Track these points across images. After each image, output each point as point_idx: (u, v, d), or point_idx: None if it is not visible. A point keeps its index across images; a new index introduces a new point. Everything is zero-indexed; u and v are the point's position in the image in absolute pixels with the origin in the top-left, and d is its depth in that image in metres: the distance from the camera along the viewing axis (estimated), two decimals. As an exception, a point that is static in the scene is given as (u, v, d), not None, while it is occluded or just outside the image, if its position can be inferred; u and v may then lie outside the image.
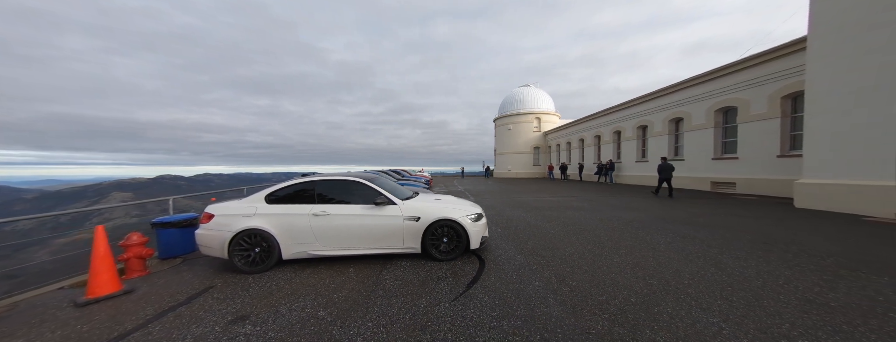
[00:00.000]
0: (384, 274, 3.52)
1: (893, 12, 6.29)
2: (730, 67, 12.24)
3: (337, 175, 4.13)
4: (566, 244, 4.67)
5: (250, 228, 3.56)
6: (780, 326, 2.26)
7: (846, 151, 7.15)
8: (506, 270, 3.57)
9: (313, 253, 3.71)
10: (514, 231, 5.70)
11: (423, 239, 3.88)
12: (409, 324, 2.44)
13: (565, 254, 4.17)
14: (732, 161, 12.35)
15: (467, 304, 2.74)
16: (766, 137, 10.97)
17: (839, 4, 7.20)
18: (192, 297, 3.01)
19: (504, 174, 34.21)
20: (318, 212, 3.72)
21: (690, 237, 4.92)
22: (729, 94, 12.47)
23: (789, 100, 10.43)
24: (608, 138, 21.57)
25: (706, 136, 13.59)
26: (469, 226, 3.96)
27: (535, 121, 32.85)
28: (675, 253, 4.09)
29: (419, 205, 4.03)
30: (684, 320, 2.38)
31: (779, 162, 10.54)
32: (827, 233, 5.06)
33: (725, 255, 3.93)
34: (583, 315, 2.51)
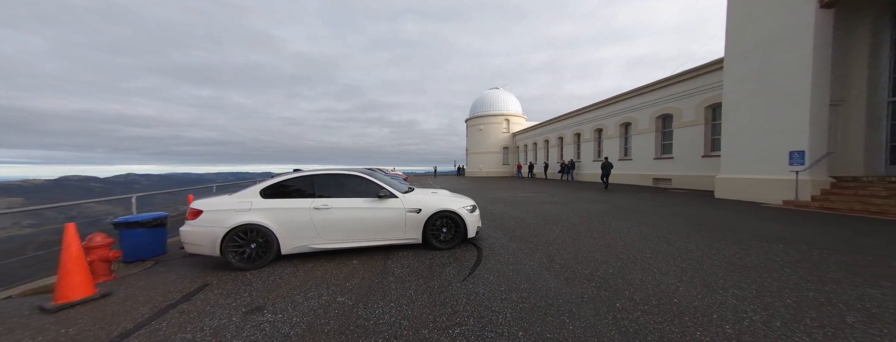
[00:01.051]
0: (389, 263, 3.65)
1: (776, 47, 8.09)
2: (666, 81, 14.33)
3: (334, 169, 4.11)
4: (548, 231, 5.22)
5: (246, 223, 3.41)
6: (716, 282, 2.95)
7: (748, 152, 8.96)
8: (502, 254, 3.94)
9: (315, 246, 3.68)
10: (500, 222, 6.14)
11: (424, 229, 4.08)
12: (428, 302, 2.65)
13: (549, 239, 4.69)
14: (669, 160, 14.48)
15: (476, 283, 3.04)
16: (694, 141, 13.11)
17: (742, 37, 9.01)
18: (189, 295, 2.84)
19: (476, 173, 35.28)
20: (319, 205, 3.70)
21: (644, 222, 5.83)
22: (666, 104, 14.58)
23: (710, 109, 12.60)
24: (570, 140, 23.59)
25: (649, 139, 15.71)
26: (466, 216, 4.25)
27: (504, 122, 34.44)
28: (635, 235, 4.86)
29: (420, 198, 4.22)
30: (651, 283, 2.96)
31: (703, 161, 12.67)
32: (739, 216, 6.37)
33: (672, 235, 4.79)
34: (575, 284, 2.96)
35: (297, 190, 3.80)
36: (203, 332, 2.20)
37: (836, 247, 3.98)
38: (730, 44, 9.56)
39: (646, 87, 15.55)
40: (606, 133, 19.17)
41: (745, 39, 9.04)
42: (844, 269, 3.18)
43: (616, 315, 2.36)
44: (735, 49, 9.41)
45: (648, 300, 2.59)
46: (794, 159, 7.90)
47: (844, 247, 4.00)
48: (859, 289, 2.71)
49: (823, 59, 7.63)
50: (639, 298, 2.63)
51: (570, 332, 2.13)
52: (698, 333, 2.08)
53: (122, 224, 3.84)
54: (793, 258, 3.59)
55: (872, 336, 2.00)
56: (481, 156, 35.10)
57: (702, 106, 12.72)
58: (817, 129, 7.69)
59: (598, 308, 2.48)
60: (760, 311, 2.36)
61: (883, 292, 2.63)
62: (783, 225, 5.44)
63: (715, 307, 2.44)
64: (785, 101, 8.08)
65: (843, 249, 3.89)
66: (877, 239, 4.39)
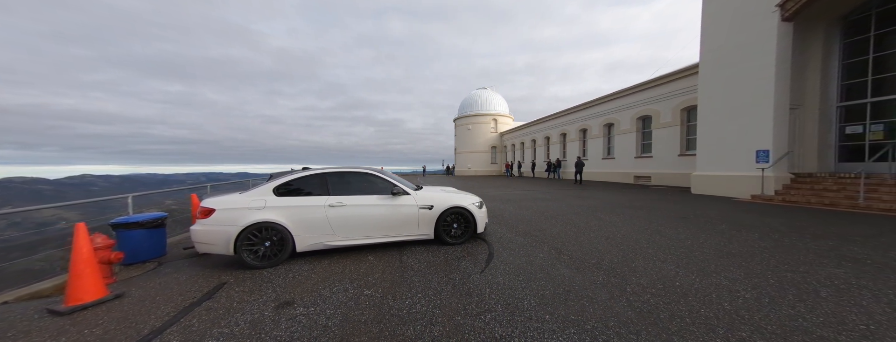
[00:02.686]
0: (405, 258, 3.73)
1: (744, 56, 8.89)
2: (647, 84, 15.20)
3: (346, 167, 4.13)
4: (549, 226, 5.48)
5: (261, 222, 3.37)
6: (709, 267, 3.28)
7: (720, 151, 9.76)
8: (512, 248, 4.13)
9: (330, 244, 3.69)
10: (502, 219, 6.35)
11: (436, 225, 4.18)
12: (454, 292, 2.77)
13: (552, 233, 4.94)
14: (649, 159, 15.39)
15: (495, 274, 3.19)
16: (671, 140, 14.02)
17: (715, 45, 9.79)
18: (210, 293, 2.79)
19: (464, 172, 35.61)
20: (334, 203, 3.71)
21: (635, 216, 6.25)
22: (646, 106, 15.48)
23: (686, 111, 13.53)
24: (556, 139, 24.39)
25: (630, 139, 16.60)
26: (476, 212, 4.40)
27: (492, 122, 34.98)
28: (629, 227, 5.22)
29: (431, 195, 4.31)
30: (653, 269, 3.24)
31: (680, 159, 13.59)
32: (715, 209, 6.96)
33: (663, 227, 5.19)
34: (586, 273, 3.19)
35: (310, 188, 3.79)
36: (239, 326, 2.20)
37: (801, 235, 4.49)
38: (704, 51, 10.34)
39: (627, 89, 16.41)
40: (591, 133, 20.03)
41: (718, 48, 9.82)
42: (812, 253, 3.63)
43: (628, 298, 2.60)
44: (708, 56, 10.20)
45: (654, 284, 2.86)
46: (760, 157, 8.71)
47: (808, 234, 4.53)
48: (826, 269, 3.13)
49: (785, 67, 8.46)
50: (645, 283, 2.89)
51: (591, 314, 2.33)
52: (703, 310, 2.35)
53: (121, 225, 3.66)
54: (768, 245, 4.03)
55: (843, 306, 2.35)
56: (470, 155, 35.48)
57: (678, 108, 13.64)
58: (780, 130, 8.52)
59: (611, 292, 2.71)
60: (750, 290, 2.68)
61: (846, 271, 3.05)
62: (754, 216, 6.03)
63: (712, 288, 2.74)
64: (752, 104, 8.88)
65: (807, 236, 4.41)
66: (834, 227, 5.00)
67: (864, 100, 8.54)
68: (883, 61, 8.25)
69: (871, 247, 3.84)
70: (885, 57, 8.21)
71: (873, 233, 4.51)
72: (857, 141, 8.71)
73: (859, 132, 8.66)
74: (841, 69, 9.00)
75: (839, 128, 9.05)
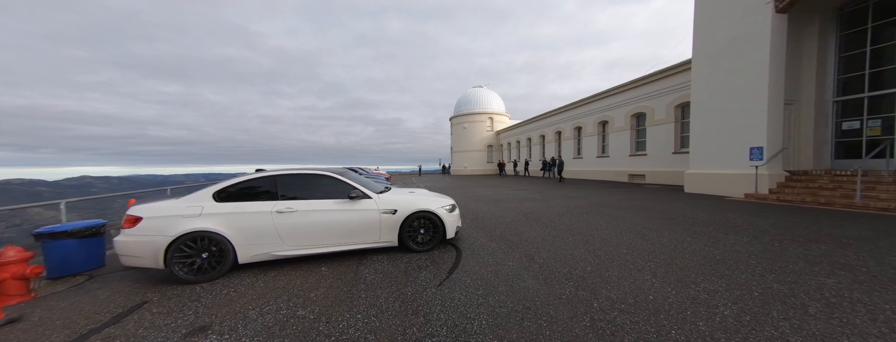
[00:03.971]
0: (362, 269, 3.42)
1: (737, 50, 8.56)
2: (640, 81, 14.88)
3: (301, 169, 3.80)
4: (528, 229, 5.17)
5: (196, 231, 3.04)
6: (689, 276, 2.98)
7: (713, 149, 9.46)
8: (481, 255, 3.82)
9: (278, 254, 3.37)
10: (481, 221, 6.04)
11: (400, 231, 3.87)
12: (400, 311, 2.46)
13: (529, 237, 4.64)
14: (643, 157, 15.09)
15: (453, 287, 2.88)
16: (666, 138, 13.72)
17: (707, 40, 9.46)
18: (121, 316, 2.47)
19: (461, 171, 35.29)
20: (282, 208, 3.39)
21: (620, 217, 5.94)
22: (640, 103, 15.17)
23: (680, 108, 13.22)
24: (551, 138, 24.08)
25: (625, 136, 16.29)
26: (445, 216, 4.09)
27: (488, 120, 34.65)
28: (612, 230, 4.92)
29: (395, 198, 4.00)
30: (627, 280, 2.94)
31: (674, 157, 13.29)
32: (706, 209, 6.67)
33: (647, 230, 4.89)
34: (553, 285, 2.88)
35: (258, 192, 3.46)
36: (130, 361, 1.89)
37: (793, 238, 4.19)
38: (696, 46, 10.01)
39: (621, 86, 16.09)
40: (586, 131, 19.72)
41: (710, 43, 9.50)
42: (802, 259, 3.33)
43: (593, 316, 2.29)
44: (701, 51, 9.88)
45: (625, 298, 2.55)
46: (753, 155, 8.41)
47: (800, 237, 4.24)
48: (817, 278, 2.83)
49: (779, 61, 8.14)
50: (616, 297, 2.59)
51: (546, 339, 2.03)
52: (674, 332, 2.04)
53: (46, 234, 3.32)
54: (756, 249, 3.73)
55: (833, 326, 2.05)
56: (466, 154, 35.16)
57: (672, 105, 13.33)
58: (774, 126, 8.21)
59: (575, 309, 2.40)
60: (730, 305, 2.37)
61: (838, 281, 2.75)
62: (745, 217, 5.73)
63: (688, 303, 2.44)
64: (745, 100, 8.57)
65: (799, 240, 4.11)
66: (828, 229, 4.70)
67: (861, 94, 8.24)
68: (881, 54, 7.94)
69: (866, 252, 3.54)
70: (882, 49, 7.90)
71: (870, 236, 4.21)
72: (854, 137, 8.41)
73: (856, 128, 8.36)
74: (837, 63, 8.69)
75: (835, 123, 8.75)
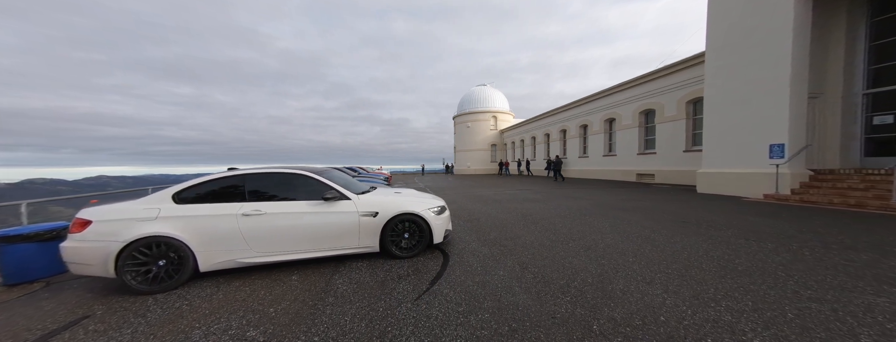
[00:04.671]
0: (336, 278, 3.10)
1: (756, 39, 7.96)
2: (649, 76, 14.24)
3: (273, 167, 3.50)
4: (525, 233, 4.79)
5: (151, 236, 2.77)
6: (707, 291, 2.56)
7: (729, 146, 8.85)
8: (470, 263, 3.46)
9: (244, 261, 3.08)
10: (476, 223, 5.68)
11: (382, 236, 3.54)
12: (365, 333, 2.13)
13: (525, 242, 4.25)
14: (652, 156, 14.45)
15: (432, 302, 2.54)
16: (676, 135, 13.07)
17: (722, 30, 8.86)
18: (52, 334, 2.20)
19: (464, 171, 34.90)
20: (249, 211, 3.09)
21: (627, 220, 5.50)
22: (649, 99, 14.52)
23: (692, 104, 12.57)
24: (556, 136, 23.48)
25: (632, 134, 15.66)
26: (432, 219, 3.75)
27: (491, 119, 34.15)
28: (617, 235, 4.49)
29: (377, 200, 3.67)
30: (634, 295, 2.54)
31: (685, 156, 12.65)
32: (722, 212, 6.15)
33: (656, 234, 4.45)
34: (547, 300, 2.51)
35: (223, 193, 3.18)
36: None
37: (826, 246, 3.71)
38: (711, 37, 9.41)
39: (629, 82, 15.46)
40: (592, 129, 19.10)
41: (725, 32, 8.89)
42: (842, 272, 2.87)
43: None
44: (715, 42, 9.27)
45: (631, 319, 2.17)
46: (774, 152, 7.81)
47: (835, 244, 3.75)
48: (864, 296, 2.38)
49: (802, 51, 7.53)
50: (619, 317, 2.20)
51: (533, 372, 1.66)
52: (691, 368, 1.65)
53: (1, 239, 3.11)
54: (784, 259, 3.28)
55: (897, 363, 1.63)
56: (470, 153, 34.74)
57: (683, 101, 12.68)
58: (796, 121, 7.60)
59: (570, 333, 2.03)
60: (761, 331, 1.97)
61: (891, 300, 2.30)
62: (767, 220, 5.22)
63: (708, 326, 2.04)
64: (764, 93, 7.97)
65: (833, 247, 3.63)
66: (866, 235, 4.18)
67: (894, 86, 7.56)
68: (917, 41, 7.26)
69: (917, 262, 3.05)
70: (919, 36, 7.21)
71: (916, 243, 3.70)
72: (887, 132, 7.73)
73: (889, 122, 7.68)
74: (867, 52, 8.00)
75: (866, 118, 8.06)
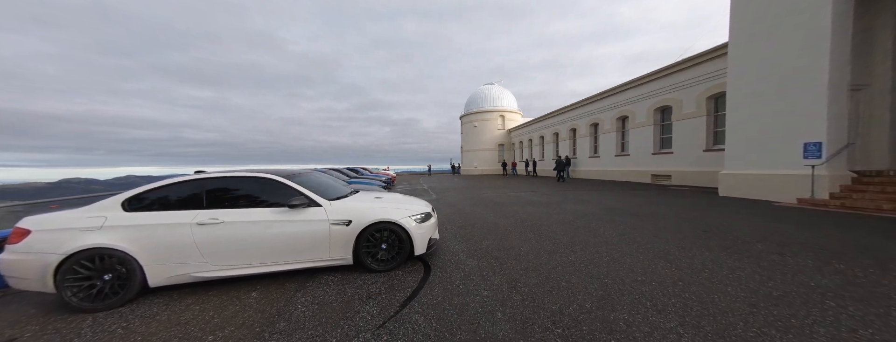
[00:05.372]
0: (299, 296, 2.77)
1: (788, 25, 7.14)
2: (666, 70, 13.36)
3: (237, 171, 3.21)
4: (522, 241, 4.34)
5: (92, 247, 2.52)
6: (736, 325, 2.07)
7: (756, 145, 8.04)
8: (453, 279, 3.06)
9: (199, 275, 2.79)
10: (470, 230, 5.26)
11: (356, 247, 3.20)
12: (308, 371, 1.77)
13: (520, 252, 3.81)
14: (668, 155, 13.56)
15: (396, 331, 2.16)
16: (695, 134, 12.17)
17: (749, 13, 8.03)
18: (-29, 359, 1.96)
19: (471, 171, 34.41)
20: (205, 219, 2.81)
21: (639, 228, 4.94)
22: (665, 95, 13.63)
23: (713, 100, 11.66)
24: (566, 135, 22.65)
25: (647, 133, 14.77)
26: (413, 228, 3.37)
27: (499, 118, 33.51)
28: (626, 246, 3.98)
29: (351, 206, 3.33)
30: (641, 328, 2.08)
31: (705, 155, 11.75)
32: (749, 219, 5.47)
33: (672, 246, 3.90)
34: (533, 333, 2.08)
35: (179, 199, 2.91)
36: None
37: (881, 263, 3.09)
38: (735, 24, 8.58)
39: (644, 77, 14.59)
40: (603, 127, 18.24)
41: (752, 18, 8.07)
42: (911, 302, 2.30)
43: (582, 399, 1.48)
44: (740, 30, 8.45)
45: (635, 365, 1.71)
46: (809, 152, 6.99)
47: (894, 262, 3.11)
48: (950, 341, 1.83)
49: (843, 35, 6.68)
50: (621, 361, 1.75)
51: None
52: None
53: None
54: (831, 282, 2.71)
55: None
56: (476, 153, 34.21)
57: (703, 96, 11.78)
58: (836, 116, 6.77)
59: (555, 384, 1.60)
60: (812, 393, 1.47)
61: None
62: (804, 230, 4.56)
63: (738, 382, 1.56)
64: (798, 84, 7.15)
65: (893, 267, 3.00)
66: (929, 249, 3.50)
67: (955, 75, 6.60)
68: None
69: None
70: None
71: None
72: (946, 128, 6.77)
73: (948, 117, 6.73)
74: (921, 37, 7.05)
75: (918, 112, 7.12)
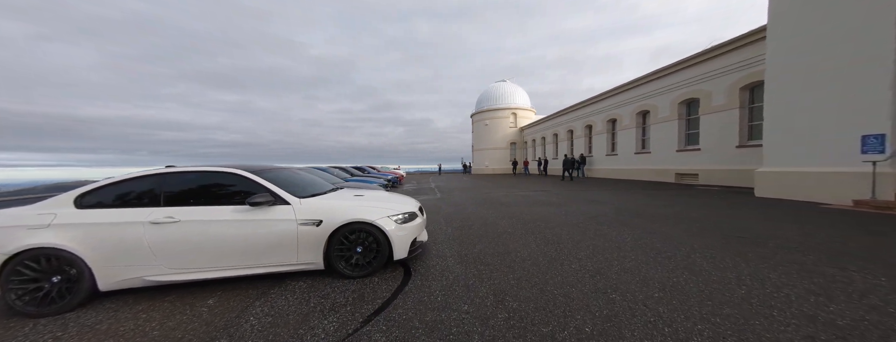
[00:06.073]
0: (257, 305, 2.47)
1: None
2: (692, 60, 12.27)
3: (204, 166, 2.97)
4: (520, 246, 3.87)
5: (36, 247, 2.34)
6: (786, 368, 1.54)
7: (801, 138, 7.05)
8: (432, 289, 2.67)
9: (152, 279, 2.56)
10: (466, 230, 4.84)
11: (326, 250, 2.88)
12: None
13: (516, 259, 3.36)
14: (695, 152, 12.46)
15: (347, 354, 1.79)
16: (727, 128, 11.06)
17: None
18: None
19: (482, 170, 33.81)
20: (160, 218, 2.58)
21: (658, 233, 4.33)
22: (691, 87, 12.53)
23: (748, 90, 10.53)
24: (581, 133, 21.62)
25: (670, 128, 13.69)
26: (392, 230, 3.01)
27: (511, 116, 32.67)
28: (641, 253, 3.42)
29: (323, 205, 3.01)
30: (656, 364, 1.60)
31: (738, 152, 10.64)
32: (793, 223, 4.70)
33: (698, 254, 3.30)
34: (513, 364, 1.65)
35: (135, 196, 2.70)
36: None
37: None
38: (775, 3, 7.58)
39: (668, 68, 13.51)
40: (621, 123, 17.16)
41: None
42: None
43: None
44: (781, 7, 7.44)
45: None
46: (868, 145, 6.01)
47: None
48: None
49: (913, 9, 5.66)
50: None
51: None
52: None
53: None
54: (917, 308, 2.08)
55: None
56: (487, 152, 33.53)
57: (737, 86, 10.67)
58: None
59: None
60: None
61: None
62: (865, 238, 3.79)
63: None
64: (853, 68, 6.17)
65: None
66: None
67: None
68: None
69: None
70: None
71: None
72: None
73: None
74: None
75: None
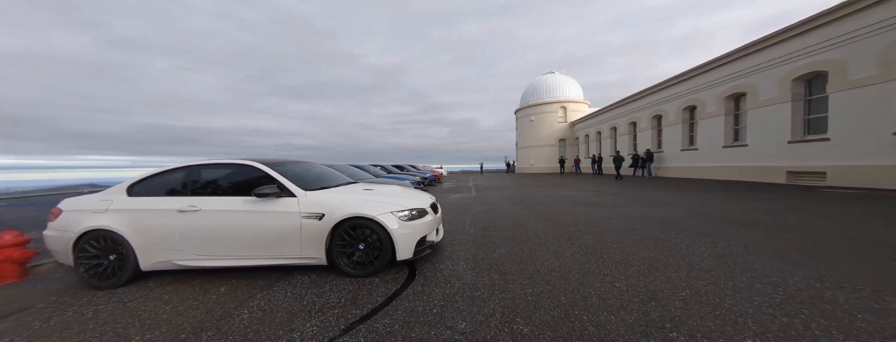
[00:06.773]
0: (258, 297, 2.46)
1: None
2: (813, 21, 9.29)
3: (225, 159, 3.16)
4: (550, 253, 3.23)
5: (96, 229, 2.73)
6: None
7: None
8: (431, 297, 2.31)
9: (179, 263, 2.78)
10: (491, 232, 4.34)
11: (328, 245, 2.77)
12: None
13: (540, 269, 2.77)
14: (820, 143, 9.43)
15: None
16: (871, 111, 8.05)
17: None
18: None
19: (526, 169, 31.92)
20: (185, 207, 2.78)
21: (756, 247, 3.17)
22: (813, 57, 9.52)
23: (913, 53, 7.46)
24: (645, 125, 18.59)
25: (777, 113, 10.66)
26: (395, 227, 2.75)
27: (560, 110, 30.03)
28: (726, 274, 2.48)
29: (327, 198, 2.91)
30: None
31: (894, 141, 7.63)
32: None
33: (825, 283, 2.24)
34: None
35: (172, 186, 2.97)
36: None
37: None
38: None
39: (773, 36, 10.56)
40: (704, 110, 14.11)
41: None
42: None
43: None
44: None
45: None
46: None
47: None
48: None
49: None
50: None
51: None
52: None
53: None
54: None
55: None
56: (533, 149, 31.42)
57: (892, 51, 7.66)
58: None
59: None
60: None
61: None
62: None
63: None
64: None
65: None
66: None
67: None
68: None
69: None
70: None
71: None
72: None
73: None
74: None
75: None
